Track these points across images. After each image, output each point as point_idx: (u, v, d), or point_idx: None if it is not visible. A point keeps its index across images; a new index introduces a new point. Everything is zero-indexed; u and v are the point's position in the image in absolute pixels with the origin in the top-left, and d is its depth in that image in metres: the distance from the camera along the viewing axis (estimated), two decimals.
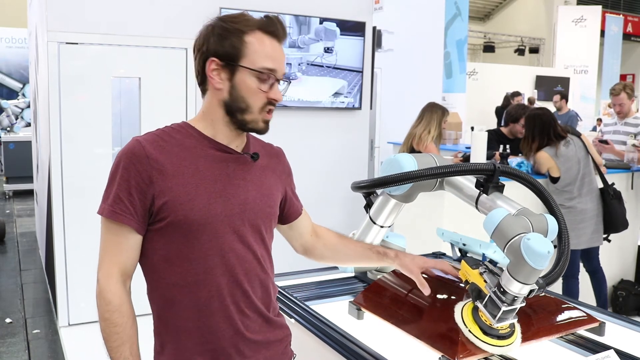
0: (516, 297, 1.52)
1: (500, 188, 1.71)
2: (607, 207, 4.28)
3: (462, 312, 1.66)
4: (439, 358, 1.60)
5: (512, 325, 1.65)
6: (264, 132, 1.54)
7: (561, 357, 1.69)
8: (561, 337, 1.79)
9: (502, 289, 1.52)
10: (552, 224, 1.59)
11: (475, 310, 1.64)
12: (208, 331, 1.49)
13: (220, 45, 1.49)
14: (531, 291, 1.52)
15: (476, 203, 1.73)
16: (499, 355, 1.64)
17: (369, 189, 1.98)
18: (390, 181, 1.75)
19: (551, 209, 1.69)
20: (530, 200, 1.88)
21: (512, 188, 1.81)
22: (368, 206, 2.11)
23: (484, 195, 1.71)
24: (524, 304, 1.56)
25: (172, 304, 1.49)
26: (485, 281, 1.59)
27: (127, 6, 4.36)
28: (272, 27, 1.49)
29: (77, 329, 4.35)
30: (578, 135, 4.39)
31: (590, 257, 4.40)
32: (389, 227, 2.10)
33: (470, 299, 1.65)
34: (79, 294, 4.32)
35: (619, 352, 1.64)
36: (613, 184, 4.40)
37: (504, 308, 1.53)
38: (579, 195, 4.18)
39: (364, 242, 1.80)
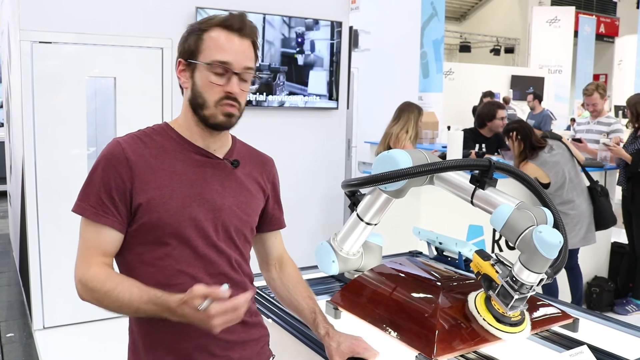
0: (528, 285, 1.61)
1: (493, 183, 1.77)
2: (596, 204, 4.39)
3: (475, 302, 1.74)
4: (416, 356, 1.61)
5: (522, 313, 1.74)
6: (225, 125, 1.51)
7: (536, 353, 1.71)
8: (536, 333, 1.81)
9: (514, 279, 1.61)
10: (550, 215, 1.68)
11: (487, 299, 1.72)
12: (179, 331, 1.48)
13: (183, 45, 1.52)
14: (541, 280, 1.62)
15: (472, 197, 1.77)
16: (475, 354, 1.66)
17: (362, 187, 1.96)
18: (387, 178, 1.75)
19: (544, 202, 1.77)
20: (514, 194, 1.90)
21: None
22: (354, 205, 2.11)
23: (480, 190, 1.75)
24: (534, 292, 1.65)
25: None
26: (497, 272, 1.67)
27: (102, 5, 4.31)
28: (229, 21, 1.50)
29: (52, 332, 4.29)
30: (559, 138, 4.46)
31: (571, 254, 4.46)
32: (375, 224, 2.08)
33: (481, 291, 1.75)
34: (53, 297, 4.27)
35: (592, 348, 1.67)
36: (597, 181, 4.48)
37: (516, 296, 1.62)
38: (571, 199, 4.25)
39: (312, 302, 1.74)
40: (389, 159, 1.84)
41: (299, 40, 5.03)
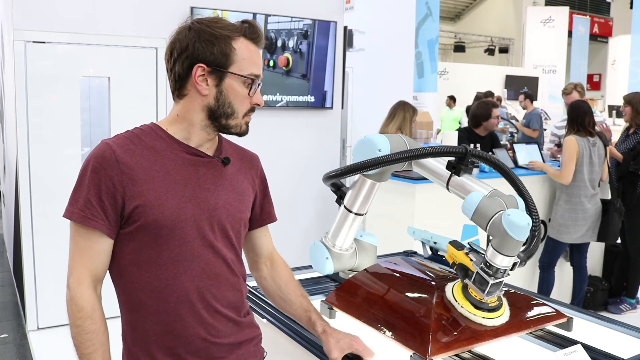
0: (502, 270, 1.63)
1: (469, 170, 1.78)
2: (607, 217, 4.51)
3: (452, 291, 1.77)
4: (411, 356, 1.61)
5: (499, 299, 1.76)
6: (245, 134, 1.57)
7: (530, 352, 1.71)
8: (530, 333, 1.81)
9: (488, 264, 1.64)
10: (521, 203, 1.70)
11: (464, 288, 1.75)
12: (176, 335, 1.48)
13: (210, 51, 1.46)
14: (514, 264, 1.65)
15: (447, 184, 1.79)
16: (470, 353, 1.66)
17: (343, 177, 1.97)
18: (366, 166, 1.76)
19: (519, 190, 1.79)
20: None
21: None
22: (340, 198, 2.11)
23: (456, 176, 1.77)
24: (508, 276, 1.67)
25: (140, 308, 1.48)
26: (471, 260, 1.70)
27: (96, 4, 4.30)
28: (255, 34, 1.52)
29: (46, 332, 4.28)
30: (605, 144, 4.59)
31: (581, 252, 4.64)
32: (364, 214, 2.08)
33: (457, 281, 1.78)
34: (48, 297, 4.26)
35: (586, 347, 1.67)
36: (618, 198, 4.65)
37: (491, 281, 1.65)
38: (587, 195, 4.43)
39: (306, 300, 1.74)
40: (368, 142, 1.85)
41: (293, 39, 5.02)
